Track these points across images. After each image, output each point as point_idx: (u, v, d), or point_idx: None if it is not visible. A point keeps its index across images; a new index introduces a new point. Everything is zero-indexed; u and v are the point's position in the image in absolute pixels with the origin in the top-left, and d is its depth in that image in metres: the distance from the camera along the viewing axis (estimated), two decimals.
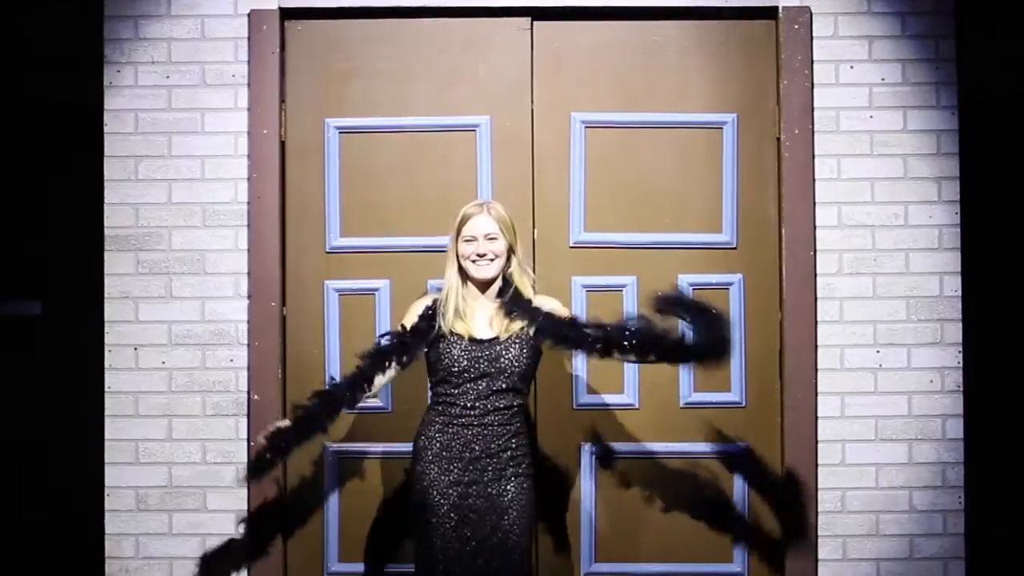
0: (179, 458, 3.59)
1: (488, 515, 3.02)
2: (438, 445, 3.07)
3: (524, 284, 3.13)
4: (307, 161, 3.69)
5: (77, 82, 4.22)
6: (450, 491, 3.04)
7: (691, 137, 3.65)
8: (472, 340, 3.06)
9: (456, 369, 3.06)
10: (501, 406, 3.05)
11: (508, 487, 3.05)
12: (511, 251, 3.12)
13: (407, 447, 3.63)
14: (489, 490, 3.04)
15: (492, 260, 3.08)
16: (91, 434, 3.82)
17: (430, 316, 3.12)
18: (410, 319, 3.13)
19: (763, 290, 3.66)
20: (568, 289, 3.61)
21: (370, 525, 3.64)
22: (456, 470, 3.05)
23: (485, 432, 3.05)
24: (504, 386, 3.05)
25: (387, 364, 3.08)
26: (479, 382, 3.05)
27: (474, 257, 3.07)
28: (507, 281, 3.11)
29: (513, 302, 3.09)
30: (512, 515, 3.03)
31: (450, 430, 3.06)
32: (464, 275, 3.12)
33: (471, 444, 3.05)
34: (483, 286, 3.11)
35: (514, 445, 3.08)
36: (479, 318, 3.11)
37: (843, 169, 3.61)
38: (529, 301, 3.10)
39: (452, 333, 3.07)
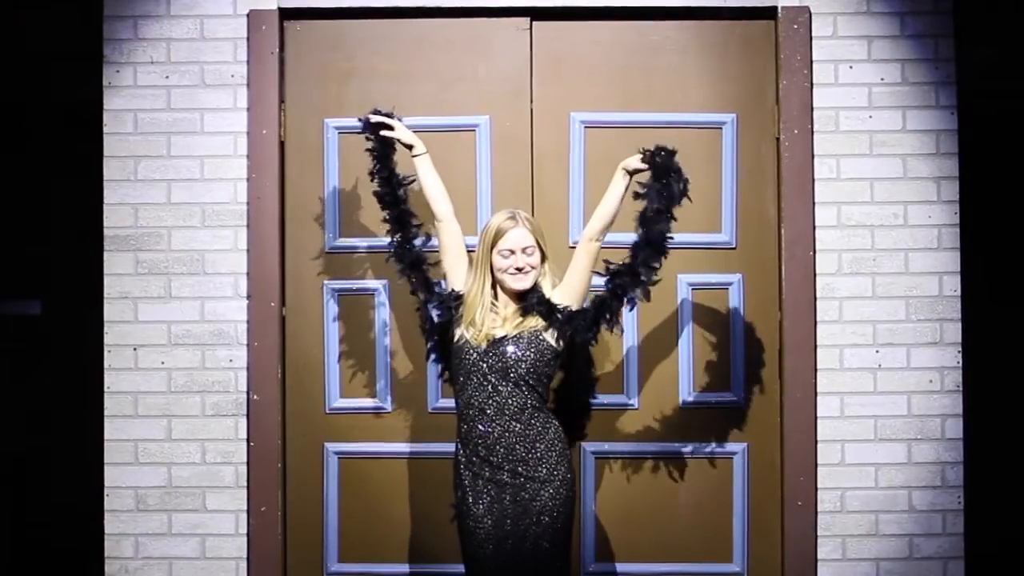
0: (178, 458, 3.59)
1: (520, 520, 3.02)
2: (468, 450, 3.09)
3: (547, 287, 3.14)
4: (306, 161, 3.69)
5: (76, 82, 4.23)
6: (483, 496, 3.05)
7: (690, 137, 3.64)
8: (487, 341, 3.08)
9: (464, 367, 3.08)
10: (514, 405, 3.05)
11: (542, 493, 3.04)
12: (543, 258, 3.15)
13: (407, 447, 3.66)
14: (522, 494, 3.03)
15: (529, 272, 3.10)
16: (90, 434, 3.82)
17: (448, 306, 3.17)
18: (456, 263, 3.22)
19: (762, 290, 3.66)
20: None
21: (370, 525, 3.64)
22: (487, 473, 3.06)
23: (506, 433, 3.04)
24: (512, 382, 3.05)
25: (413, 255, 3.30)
26: (487, 379, 3.06)
27: (512, 271, 3.09)
28: (534, 285, 3.13)
29: (537, 304, 3.10)
30: (545, 521, 3.03)
31: (473, 435, 3.07)
32: (494, 285, 3.14)
33: (494, 447, 3.05)
34: (518, 296, 3.13)
35: (541, 449, 3.06)
36: (497, 320, 3.12)
37: (842, 169, 3.61)
38: (554, 305, 3.11)
39: (471, 338, 3.09)
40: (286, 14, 3.67)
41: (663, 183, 3.05)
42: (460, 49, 3.70)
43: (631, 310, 3.24)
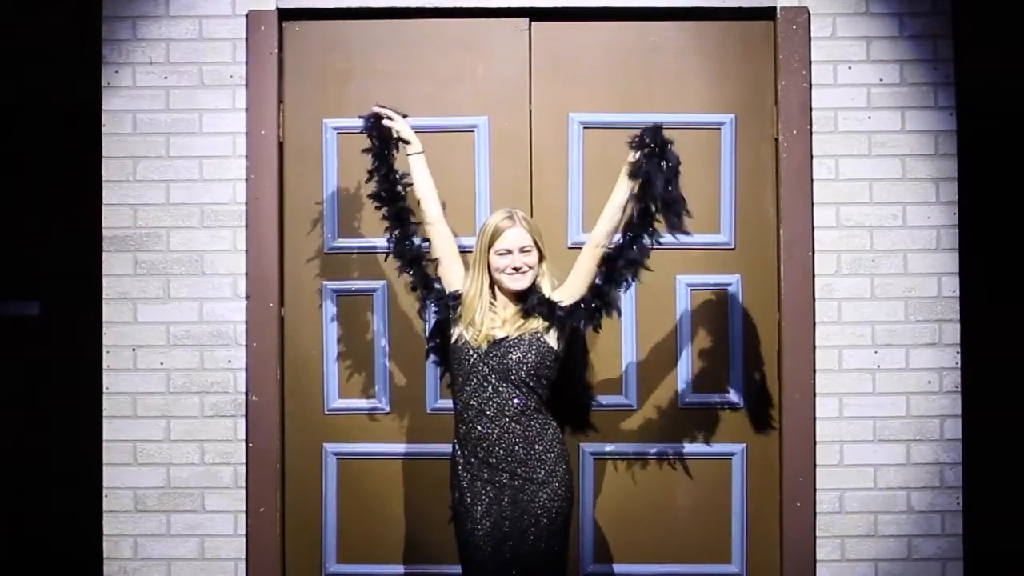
0: (177, 459, 3.59)
1: (519, 521, 3.03)
2: (467, 451, 3.09)
3: (547, 287, 3.14)
4: (305, 162, 3.69)
5: (75, 82, 4.22)
6: (482, 497, 3.06)
7: (689, 138, 3.63)
8: (487, 342, 3.08)
9: (464, 368, 3.08)
10: (514, 407, 3.05)
11: (540, 494, 3.04)
12: (541, 257, 3.14)
13: (406, 448, 3.66)
14: (521, 495, 3.04)
15: (526, 272, 3.10)
16: (89, 435, 3.82)
17: (446, 304, 3.17)
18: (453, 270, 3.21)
19: (761, 291, 3.66)
20: None
21: (368, 526, 3.64)
22: (486, 475, 3.06)
23: (505, 435, 3.05)
24: (513, 384, 3.05)
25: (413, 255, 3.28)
26: (488, 380, 3.06)
27: (510, 271, 3.09)
28: (533, 285, 3.13)
29: (537, 305, 3.10)
30: (543, 523, 3.03)
31: (472, 436, 3.07)
32: (492, 285, 3.14)
33: (493, 448, 3.05)
34: (516, 296, 3.13)
35: (540, 450, 3.07)
36: (497, 321, 3.12)
37: (841, 170, 3.61)
38: (555, 303, 3.11)
39: (471, 338, 3.09)
40: (285, 14, 3.67)
41: (659, 158, 3.03)
42: (459, 49, 3.70)
43: (625, 292, 3.24)
